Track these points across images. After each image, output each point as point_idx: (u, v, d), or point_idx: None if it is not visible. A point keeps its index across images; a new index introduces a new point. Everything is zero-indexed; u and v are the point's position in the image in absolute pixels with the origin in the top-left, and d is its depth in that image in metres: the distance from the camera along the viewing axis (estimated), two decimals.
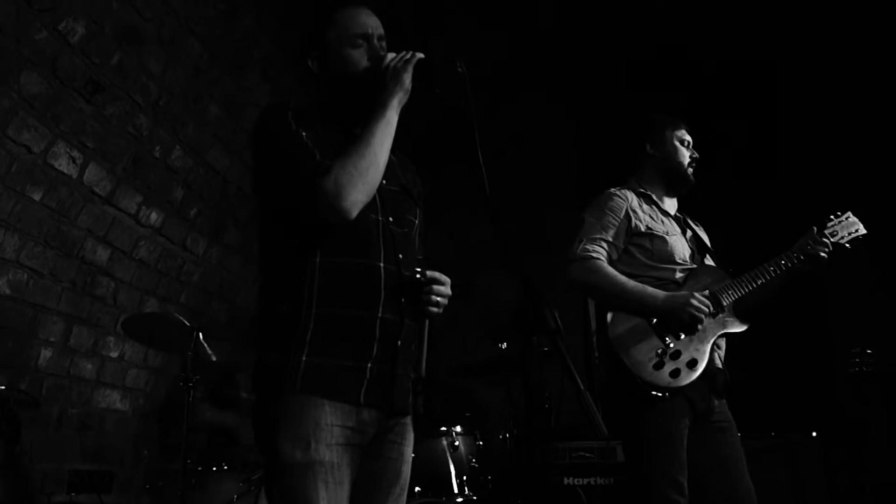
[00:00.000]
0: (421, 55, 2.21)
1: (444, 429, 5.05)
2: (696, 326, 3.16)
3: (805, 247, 3.40)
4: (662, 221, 3.46)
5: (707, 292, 3.24)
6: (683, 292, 3.21)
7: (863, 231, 3.51)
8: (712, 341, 3.21)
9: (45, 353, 4.74)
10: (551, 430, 5.60)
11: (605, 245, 3.33)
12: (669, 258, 3.36)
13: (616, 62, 6.69)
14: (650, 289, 3.22)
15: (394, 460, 2.23)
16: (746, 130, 6.60)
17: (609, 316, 3.24)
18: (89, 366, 5.16)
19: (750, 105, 6.58)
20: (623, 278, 3.23)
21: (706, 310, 3.15)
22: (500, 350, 5.63)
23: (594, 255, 3.29)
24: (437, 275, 2.25)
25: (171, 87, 4.87)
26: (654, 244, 3.36)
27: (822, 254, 3.37)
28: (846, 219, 3.52)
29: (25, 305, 4.52)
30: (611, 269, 3.26)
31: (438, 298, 2.24)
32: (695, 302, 3.13)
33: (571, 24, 6.46)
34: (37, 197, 4.28)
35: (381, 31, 2.35)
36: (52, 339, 4.76)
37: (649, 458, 3.08)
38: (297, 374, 2.03)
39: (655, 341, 3.16)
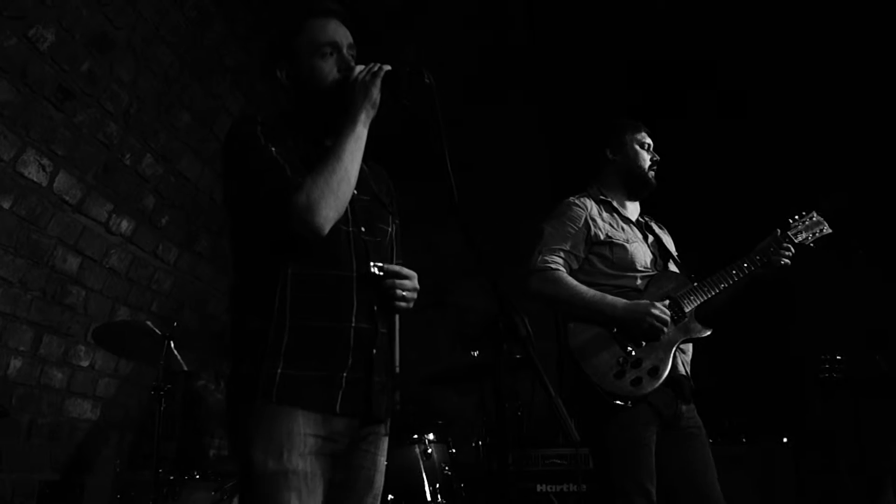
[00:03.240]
0: (388, 67, 2.20)
1: (416, 437, 5.05)
2: (658, 334, 3.17)
3: (768, 249, 3.40)
4: (623, 229, 3.47)
5: (668, 301, 3.26)
6: (644, 301, 3.21)
7: (828, 230, 3.48)
8: (675, 347, 3.21)
9: (15, 363, 4.69)
10: (524, 436, 5.61)
11: (563, 255, 3.33)
12: (630, 266, 3.36)
13: (590, 71, 6.71)
14: (609, 297, 3.22)
15: (367, 469, 2.23)
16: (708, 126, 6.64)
17: (570, 325, 3.24)
18: (59, 375, 5.11)
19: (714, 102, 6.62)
20: (582, 288, 3.24)
21: (666, 318, 3.16)
22: (472, 358, 5.64)
23: (552, 265, 3.30)
24: (397, 267, 2.23)
25: (142, 95, 4.84)
26: (614, 253, 3.37)
27: (785, 258, 3.38)
28: (810, 218, 3.50)
29: None
30: (570, 280, 3.27)
31: (404, 293, 2.22)
32: (655, 311, 3.14)
33: (544, 33, 6.48)
34: (6, 205, 4.24)
35: (350, 40, 2.34)
36: (21, 349, 4.71)
37: (616, 466, 3.09)
38: (272, 385, 2.02)
39: (616, 350, 3.16)
